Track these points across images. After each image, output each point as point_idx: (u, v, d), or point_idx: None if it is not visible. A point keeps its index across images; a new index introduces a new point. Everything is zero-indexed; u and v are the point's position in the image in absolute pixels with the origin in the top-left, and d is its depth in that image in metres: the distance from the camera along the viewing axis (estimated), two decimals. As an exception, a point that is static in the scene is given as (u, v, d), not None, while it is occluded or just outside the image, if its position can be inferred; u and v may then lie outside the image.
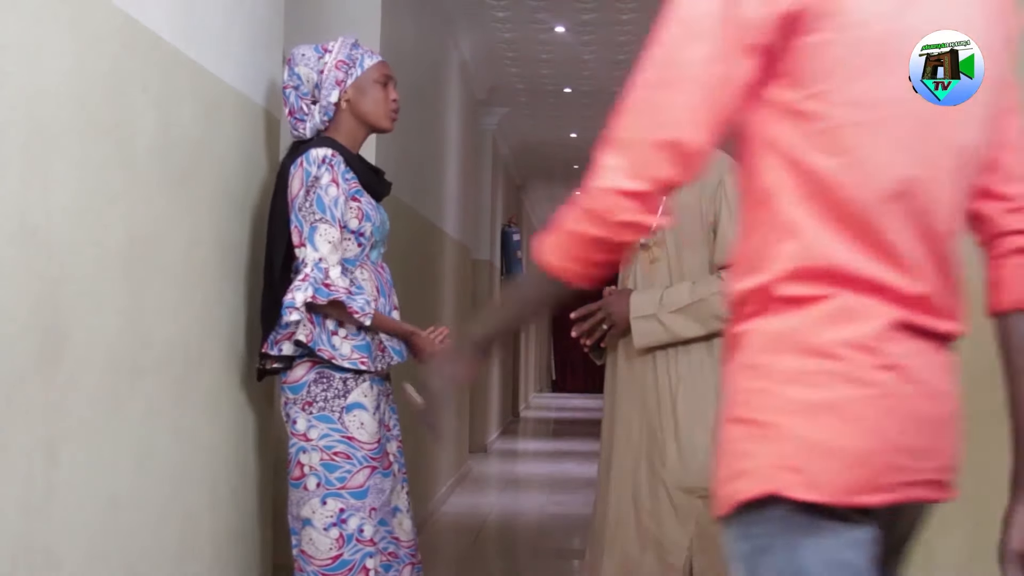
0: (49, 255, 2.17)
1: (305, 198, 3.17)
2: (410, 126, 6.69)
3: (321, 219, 3.15)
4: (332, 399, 3.17)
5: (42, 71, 2.14)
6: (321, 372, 3.17)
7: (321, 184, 3.17)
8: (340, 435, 3.16)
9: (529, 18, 8.96)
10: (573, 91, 11.32)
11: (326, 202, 3.17)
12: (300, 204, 3.17)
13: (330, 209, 3.16)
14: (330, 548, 3.14)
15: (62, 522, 2.22)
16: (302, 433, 3.17)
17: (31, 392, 2.10)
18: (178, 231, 2.84)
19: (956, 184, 1.67)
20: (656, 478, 3.47)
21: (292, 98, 3.36)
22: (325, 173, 3.18)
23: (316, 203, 3.16)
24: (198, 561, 2.99)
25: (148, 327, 2.65)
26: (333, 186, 3.18)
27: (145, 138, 2.63)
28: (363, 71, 3.35)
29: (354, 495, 3.16)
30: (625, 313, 3.42)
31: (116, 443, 2.48)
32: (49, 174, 2.17)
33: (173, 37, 2.77)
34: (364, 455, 3.18)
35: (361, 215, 3.25)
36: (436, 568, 6.39)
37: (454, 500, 8.74)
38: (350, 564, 3.15)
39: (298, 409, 3.18)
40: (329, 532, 3.14)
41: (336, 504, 3.15)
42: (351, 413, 3.17)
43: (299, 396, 3.18)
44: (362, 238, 3.26)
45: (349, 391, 3.18)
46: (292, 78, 3.36)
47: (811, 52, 1.57)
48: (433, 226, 7.80)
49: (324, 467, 3.15)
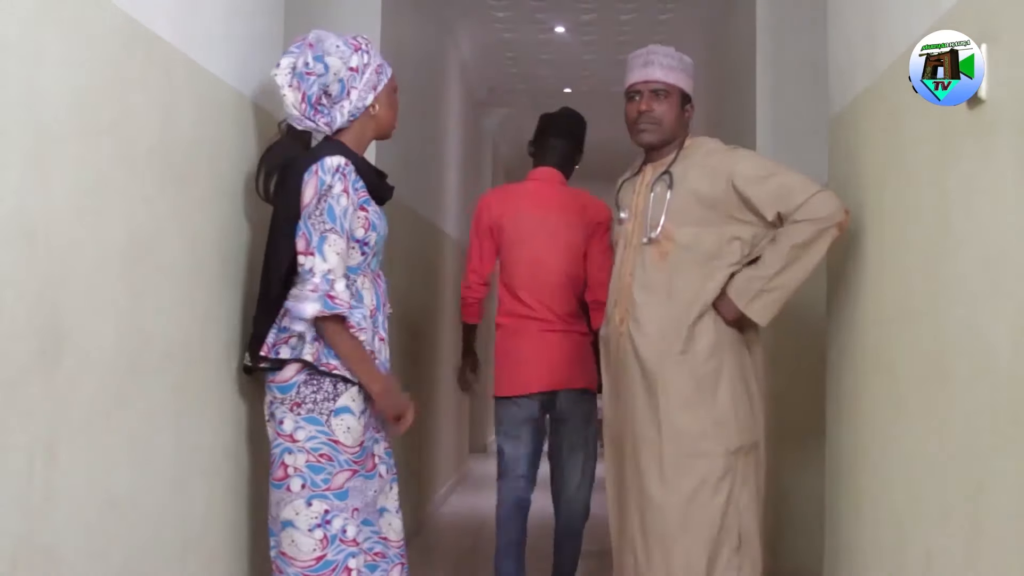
0: (49, 255, 2.17)
1: (316, 207, 3.11)
2: (410, 126, 6.69)
3: (331, 229, 3.11)
4: (321, 402, 3.14)
5: (42, 71, 2.14)
6: (311, 374, 3.15)
7: (333, 194, 3.12)
8: (326, 438, 3.14)
9: (529, 18, 8.96)
10: (573, 91, 11.32)
11: (337, 212, 3.12)
12: (311, 212, 3.12)
13: (340, 220, 3.12)
14: (313, 549, 3.12)
15: (62, 522, 2.22)
16: (288, 434, 3.14)
17: (31, 392, 2.10)
18: (178, 231, 2.84)
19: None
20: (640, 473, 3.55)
21: (314, 87, 3.21)
22: (338, 183, 3.13)
23: (327, 212, 3.11)
24: (198, 561, 2.99)
25: (148, 327, 2.65)
26: (344, 196, 3.13)
27: (145, 138, 2.63)
28: (387, 79, 3.32)
29: (337, 496, 3.14)
30: (733, 308, 3.56)
31: (116, 443, 2.48)
32: (49, 174, 2.17)
33: (173, 37, 2.77)
34: (346, 459, 3.16)
35: (367, 225, 3.22)
36: (436, 568, 6.38)
37: (454, 500, 8.74)
38: (333, 564, 3.13)
39: (285, 409, 3.15)
40: (313, 533, 3.12)
41: (321, 505, 3.13)
42: (338, 417, 3.15)
43: (287, 396, 3.15)
44: (366, 247, 3.23)
45: (339, 395, 3.16)
46: (318, 66, 3.21)
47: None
48: (433, 226, 7.80)
49: (310, 468, 3.13)
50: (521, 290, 4.60)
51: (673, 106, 3.72)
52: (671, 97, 3.72)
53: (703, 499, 3.51)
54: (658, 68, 3.72)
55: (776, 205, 3.51)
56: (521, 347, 4.59)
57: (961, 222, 2.52)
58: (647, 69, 3.73)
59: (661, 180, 3.69)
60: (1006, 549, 2.23)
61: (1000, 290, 2.29)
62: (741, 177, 3.56)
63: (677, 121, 3.73)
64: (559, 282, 4.62)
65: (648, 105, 3.70)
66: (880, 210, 3.20)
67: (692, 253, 3.59)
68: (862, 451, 3.30)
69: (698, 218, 3.60)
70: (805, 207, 3.46)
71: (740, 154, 3.66)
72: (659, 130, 3.71)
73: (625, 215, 3.77)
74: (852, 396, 3.44)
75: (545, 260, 4.61)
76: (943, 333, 2.62)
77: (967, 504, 2.43)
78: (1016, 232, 2.22)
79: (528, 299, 4.58)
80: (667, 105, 3.71)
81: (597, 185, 6.27)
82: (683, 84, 3.74)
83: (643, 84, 3.73)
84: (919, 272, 2.82)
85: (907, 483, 2.86)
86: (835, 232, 3.44)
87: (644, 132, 3.72)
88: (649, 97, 3.71)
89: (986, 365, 2.35)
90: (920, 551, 2.74)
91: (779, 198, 3.51)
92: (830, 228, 3.43)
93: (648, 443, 3.57)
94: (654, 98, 3.71)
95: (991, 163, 2.35)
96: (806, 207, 3.46)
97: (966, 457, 2.46)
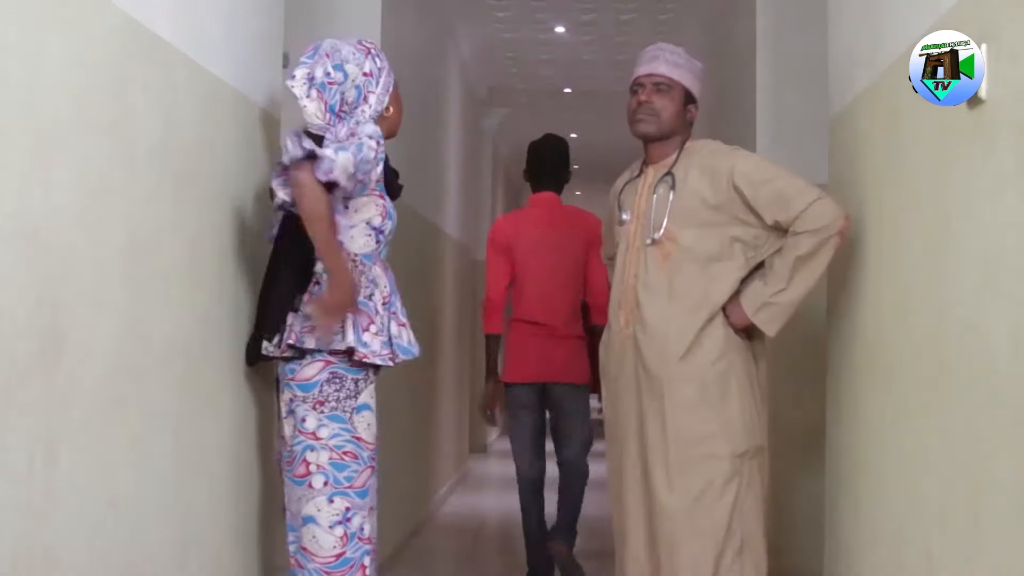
0: (49, 255, 2.17)
1: (348, 139, 3.15)
2: (410, 127, 6.69)
3: (351, 151, 3.11)
4: (344, 399, 3.19)
5: (42, 71, 2.14)
6: (334, 372, 3.19)
7: (366, 141, 3.15)
8: (350, 435, 3.19)
9: (529, 18, 8.96)
10: (573, 91, 11.32)
11: (364, 151, 3.14)
12: (337, 136, 3.17)
13: (360, 155, 3.13)
14: (334, 546, 3.17)
15: (62, 522, 2.22)
16: (311, 432, 3.18)
17: (31, 392, 2.10)
18: (178, 231, 2.85)
19: None
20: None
21: (336, 96, 3.24)
22: (372, 142, 3.17)
23: (357, 145, 3.13)
24: (198, 561, 2.99)
25: (148, 327, 2.65)
26: (372, 151, 3.17)
27: (145, 138, 2.63)
28: (394, 80, 3.37)
29: (358, 494, 3.20)
30: (743, 316, 3.59)
31: (116, 443, 2.48)
32: (49, 174, 2.17)
33: (173, 37, 2.77)
34: (368, 455, 3.23)
35: (384, 213, 3.29)
36: (436, 568, 6.39)
37: (454, 500, 8.74)
38: (351, 562, 3.19)
39: (308, 407, 3.18)
40: (334, 530, 3.17)
41: (343, 503, 3.17)
42: (360, 414, 3.21)
43: (310, 395, 3.19)
44: (381, 235, 3.29)
45: (360, 392, 3.21)
46: (338, 75, 3.24)
47: None
48: (433, 226, 7.80)
49: (333, 466, 3.17)
50: (530, 298, 5.46)
51: (674, 101, 3.72)
52: (673, 92, 3.72)
53: (709, 502, 3.51)
54: (663, 63, 3.74)
55: (775, 212, 3.52)
56: (526, 345, 5.45)
57: (961, 222, 2.52)
58: (652, 63, 3.75)
59: (663, 181, 3.69)
60: (1006, 549, 2.23)
61: (1000, 290, 2.29)
62: (741, 176, 3.56)
63: (677, 117, 3.73)
64: (562, 290, 5.46)
65: (648, 97, 3.72)
66: (880, 210, 3.20)
67: (694, 255, 3.60)
68: (862, 451, 3.31)
69: (701, 220, 3.60)
70: (804, 218, 3.47)
71: (740, 154, 3.67)
72: (656, 122, 3.71)
73: (627, 217, 3.77)
74: (852, 396, 3.44)
75: (550, 272, 5.46)
76: (943, 333, 2.62)
77: (967, 504, 2.43)
78: (1016, 232, 2.21)
79: (535, 306, 5.45)
80: (668, 99, 3.72)
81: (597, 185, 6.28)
82: (687, 82, 3.74)
83: (646, 77, 3.74)
84: (919, 272, 2.82)
85: (907, 483, 2.86)
86: (837, 240, 3.46)
87: (641, 122, 3.73)
88: (650, 89, 3.72)
89: (986, 365, 2.35)
90: (920, 551, 2.74)
91: (778, 205, 3.52)
92: (831, 237, 3.45)
93: (654, 446, 3.57)
94: (655, 91, 3.72)
95: (991, 163, 2.35)
96: (805, 217, 3.47)
97: (966, 457, 2.46)
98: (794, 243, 3.50)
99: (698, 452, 3.53)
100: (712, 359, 3.56)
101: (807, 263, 3.49)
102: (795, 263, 3.50)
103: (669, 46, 3.80)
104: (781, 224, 3.53)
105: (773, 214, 3.53)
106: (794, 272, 3.51)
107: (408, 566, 6.15)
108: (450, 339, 8.75)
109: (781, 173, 3.60)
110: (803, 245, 3.48)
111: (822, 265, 3.50)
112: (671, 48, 3.79)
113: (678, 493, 3.53)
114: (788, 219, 3.51)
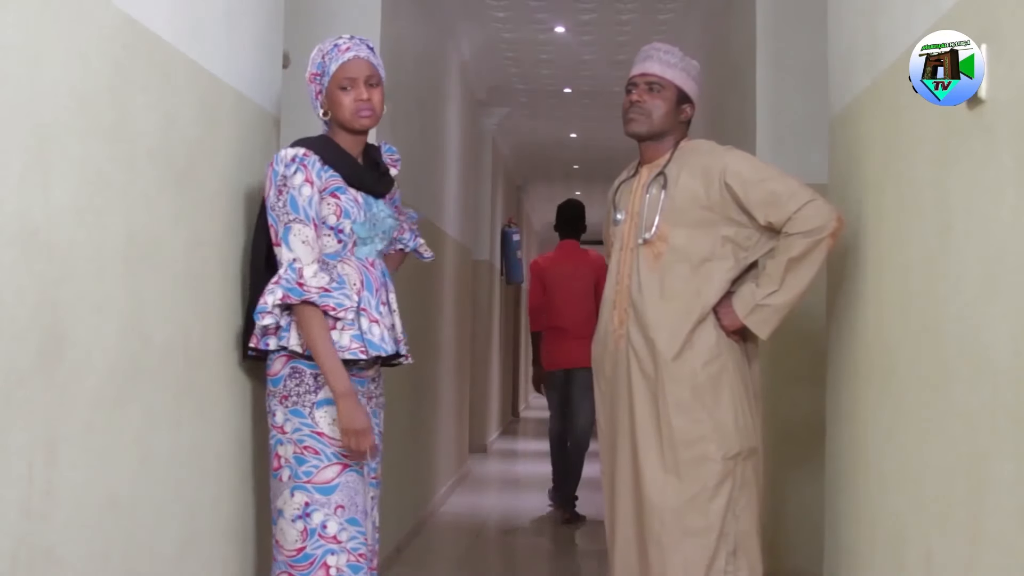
0: (49, 255, 2.17)
1: (278, 198, 3.19)
2: (410, 126, 6.69)
3: (295, 219, 3.17)
4: (304, 394, 3.20)
5: (42, 71, 2.14)
6: (295, 367, 3.21)
7: (293, 184, 3.18)
8: (310, 430, 3.19)
9: (529, 18, 8.96)
10: (573, 91, 11.32)
11: (299, 202, 3.18)
12: (273, 204, 3.20)
13: (304, 209, 3.18)
14: (295, 540, 3.18)
15: (62, 522, 2.22)
16: (279, 426, 3.22)
17: (31, 392, 2.10)
18: (178, 231, 2.84)
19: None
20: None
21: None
22: (298, 173, 3.19)
23: (289, 203, 3.18)
24: (198, 561, 2.99)
25: (148, 327, 2.65)
26: (307, 185, 3.19)
27: (145, 138, 2.63)
28: (329, 79, 3.32)
29: (320, 490, 3.18)
30: (735, 319, 3.59)
31: (116, 443, 2.48)
32: (49, 174, 2.17)
33: (173, 37, 2.77)
34: (334, 452, 3.19)
35: (339, 211, 3.26)
36: (436, 568, 6.38)
37: (454, 500, 8.74)
38: (311, 559, 3.17)
39: (276, 402, 3.22)
40: (295, 524, 3.18)
41: (302, 497, 3.18)
42: (321, 409, 3.20)
43: (277, 389, 3.22)
44: (341, 235, 3.27)
45: (320, 387, 3.20)
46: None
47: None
48: (433, 226, 7.80)
49: (295, 459, 3.19)
50: (558, 310, 7.97)
51: (666, 101, 3.72)
52: (665, 92, 3.72)
53: (701, 503, 3.51)
54: (656, 63, 3.74)
55: (767, 213, 3.53)
56: (556, 345, 7.99)
57: (961, 222, 2.52)
58: (645, 63, 3.76)
59: (656, 181, 3.69)
60: (1006, 549, 2.23)
61: (1000, 290, 2.29)
62: (733, 175, 3.57)
63: (668, 117, 3.73)
64: (578, 303, 7.90)
65: (640, 96, 3.72)
66: (880, 210, 3.20)
67: (685, 255, 3.60)
68: (861, 451, 3.31)
69: (693, 219, 3.60)
70: (796, 219, 3.48)
71: (733, 154, 3.67)
72: (647, 121, 3.71)
73: (621, 216, 3.77)
74: (852, 396, 3.44)
75: (570, 293, 7.96)
76: (943, 333, 2.62)
77: (967, 504, 2.43)
78: (1016, 232, 2.22)
79: (561, 316, 7.95)
80: (660, 99, 3.72)
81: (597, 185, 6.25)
82: (680, 82, 3.74)
83: (639, 77, 3.75)
84: (919, 272, 2.82)
85: (907, 483, 2.86)
86: (830, 242, 3.47)
87: (632, 121, 3.74)
88: (642, 89, 3.73)
89: (986, 365, 2.35)
90: (920, 551, 2.74)
91: (770, 206, 3.53)
92: (824, 239, 3.47)
93: (646, 446, 3.57)
94: (647, 91, 3.73)
95: (991, 163, 2.35)
96: (797, 219, 3.48)
97: (966, 457, 2.46)
98: (787, 245, 3.50)
99: (690, 454, 3.53)
100: (704, 360, 3.56)
101: (800, 265, 3.49)
102: (787, 265, 3.50)
103: (664, 45, 3.80)
104: (774, 225, 3.53)
105: (766, 214, 3.53)
106: (786, 274, 3.51)
107: (408, 566, 6.15)
108: (450, 339, 8.75)
109: (774, 173, 3.61)
110: (796, 247, 3.48)
111: (815, 267, 3.50)
112: (665, 47, 3.78)
113: (670, 494, 3.52)
114: (781, 220, 3.51)
